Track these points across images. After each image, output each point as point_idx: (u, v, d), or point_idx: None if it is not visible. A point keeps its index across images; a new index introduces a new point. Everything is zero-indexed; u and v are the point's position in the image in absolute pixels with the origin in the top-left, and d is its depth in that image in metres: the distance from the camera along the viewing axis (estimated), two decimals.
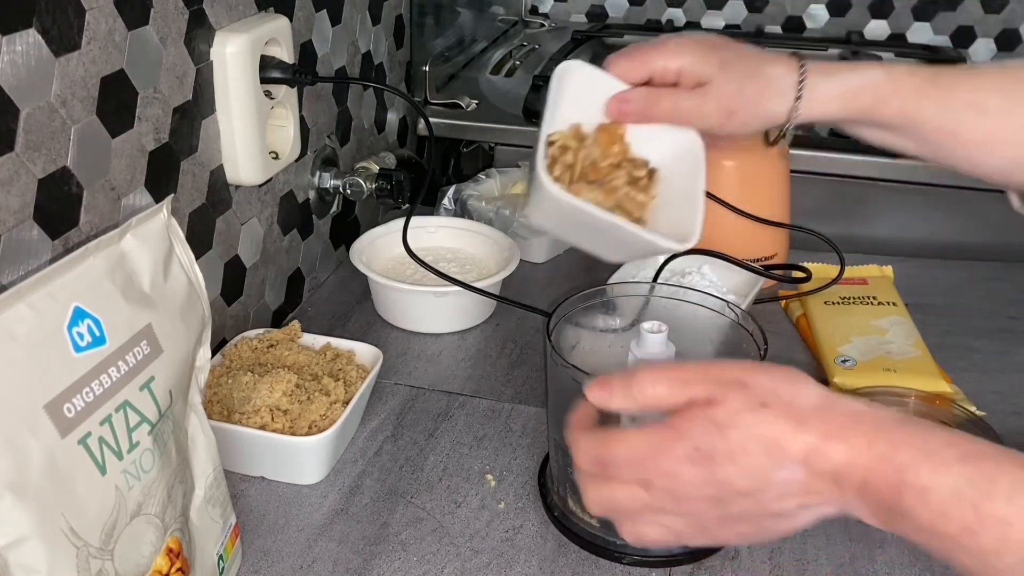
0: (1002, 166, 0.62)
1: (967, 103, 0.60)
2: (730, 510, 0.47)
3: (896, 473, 0.43)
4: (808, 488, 0.45)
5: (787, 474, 0.45)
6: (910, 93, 0.60)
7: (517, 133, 1.25)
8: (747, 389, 0.46)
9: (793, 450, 0.45)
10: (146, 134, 0.68)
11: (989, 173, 0.63)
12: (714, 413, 0.46)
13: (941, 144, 0.62)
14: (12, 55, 0.54)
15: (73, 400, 0.44)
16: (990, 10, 1.62)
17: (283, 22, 0.81)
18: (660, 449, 0.47)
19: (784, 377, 0.47)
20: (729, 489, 0.46)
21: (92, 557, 0.44)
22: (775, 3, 1.71)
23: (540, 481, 0.71)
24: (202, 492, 0.56)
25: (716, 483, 0.46)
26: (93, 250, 0.48)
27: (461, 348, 0.90)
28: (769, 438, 0.45)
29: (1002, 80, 0.61)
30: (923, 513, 0.42)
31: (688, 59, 0.57)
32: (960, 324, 0.93)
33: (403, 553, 0.65)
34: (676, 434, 0.46)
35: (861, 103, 0.62)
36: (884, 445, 0.43)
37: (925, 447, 0.43)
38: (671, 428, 0.47)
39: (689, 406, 0.47)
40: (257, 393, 0.70)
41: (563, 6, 1.82)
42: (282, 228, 0.92)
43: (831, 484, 0.45)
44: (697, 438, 0.46)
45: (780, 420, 0.45)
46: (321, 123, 0.96)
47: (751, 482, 0.45)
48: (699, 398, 0.46)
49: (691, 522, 0.48)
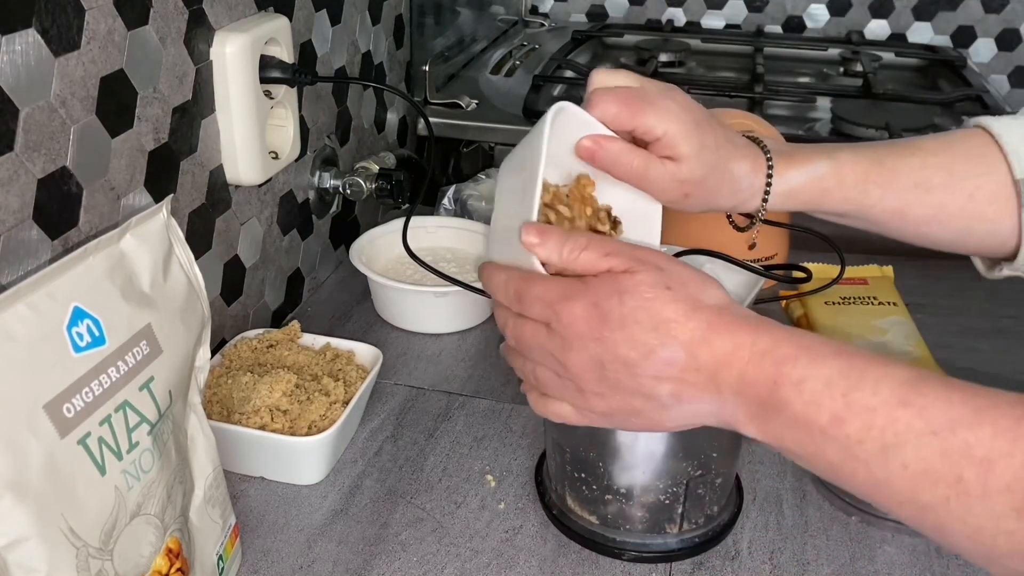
0: (951, 237, 0.64)
1: (913, 183, 0.62)
2: (607, 374, 0.49)
3: (774, 365, 0.45)
4: (685, 376, 0.47)
5: (668, 354, 0.47)
6: (855, 182, 0.62)
7: (517, 133, 1.25)
8: (660, 272, 0.48)
9: (680, 333, 0.47)
10: (146, 134, 0.68)
11: (939, 244, 0.65)
12: (621, 279, 0.48)
13: (889, 224, 0.64)
14: (12, 55, 0.54)
15: (73, 400, 0.44)
16: (990, 10, 1.63)
17: (283, 22, 0.81)
18: (566, 296, 0.49)
19: (699, 276, 0.50)
20: (612, 352, 0.48)
21: (92, 557, 0.44)
22: (775, 3, 1.71)
23: (537, 480, 0.71)
24: (202, 492, 0.55)
25: (602, 342, 0.48)
26: (92, 250, 0.48)
27: (461, 348, 0.90)
28: (661, 316, 0.47)
29: (947, 156, 0.62)
30: (796, 403, 0.44)
31: (673, 128, 0.57)
32: (960, 324, 0.93)
33: (403, 553, 0.65)
34: (583, 288, 0.49)
35: (807, 198, 0.63)
36: (767, 342, 0.46)
37: (804, 343, 0.46)
38: (582, 282, 0.50)
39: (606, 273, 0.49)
40: (257, 393, 0.70)
41: (563, 6, 1.82)
42: (282, 228, 0.92)
43: (708, 378, 0.47)
44: (598, 296, 0.48)
45: (676, 303, 0.47)
46: (321, 123, 0.96)
47: (632, 351, 0.48)
48: (617, 268, 0.49)
49: (571, 378, 0.50)
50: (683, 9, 1.76)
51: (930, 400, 0.42)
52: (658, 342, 0.47)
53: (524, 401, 0.58)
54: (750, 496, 0.70)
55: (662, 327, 0.47)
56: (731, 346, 0.47)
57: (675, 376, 0.48)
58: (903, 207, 0.62)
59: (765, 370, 0.46)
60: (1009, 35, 1.64)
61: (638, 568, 0.64)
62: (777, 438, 0.46)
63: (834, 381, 0.44)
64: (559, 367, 0.51)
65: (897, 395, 0.43)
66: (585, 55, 1.58)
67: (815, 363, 0.45)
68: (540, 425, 0.77)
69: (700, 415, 0.49)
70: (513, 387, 0.83)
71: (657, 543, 0.64)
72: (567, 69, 1.44)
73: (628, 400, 0.50)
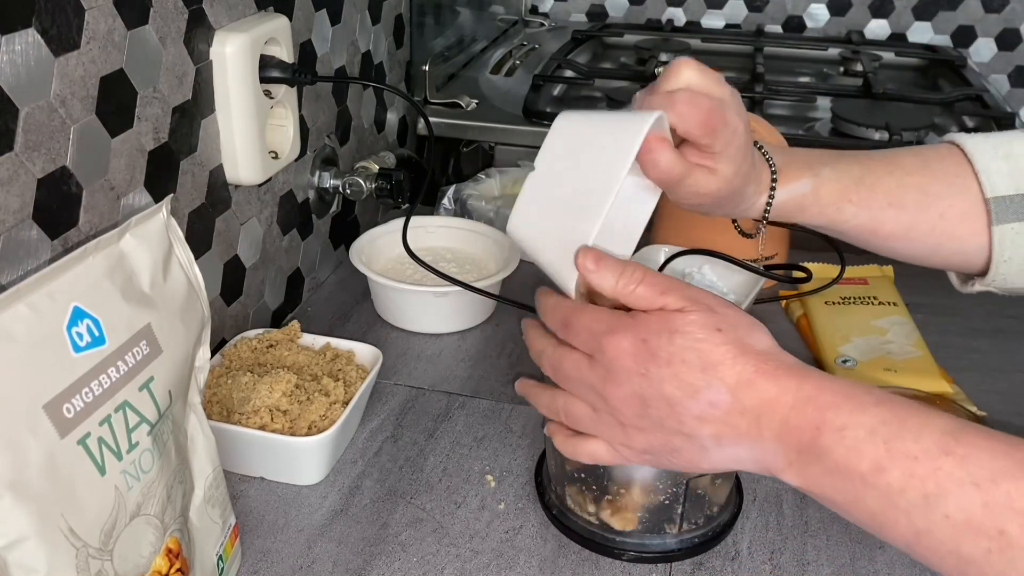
0: (920, 253, 0.65)
1: (888, 202, 0.63)
2: (649, 412, 0.49)
3: (817, 412, 0.45)
4: (728, 419, 0.47)
5: (713, 395, 0.47)
6: (832, 200, 0.64)
7: (517, 133, 1.25)
8: (712, 313, 0.48)
9: (727, 376, 0.47)
10: (145, 134, 0.68)
11: (908, 259, 0.67)
12: (673, 318, 0.48)
13: (862, 239, 0.65)
14: (11, 55, 0.54)
15: (72, 400, 0.44)
16: (990, 9, 1.63)
17: (283, 21, 0.81)
18: (614, 329, 0.49)
19: (749, 321, 0.50)
20: (656, 389, 0.48)
21: (91, 557, 0.44)
22: (775, 2, 1.71)
23: (537, 480, 0.71)
24: (201, 492, 0.55)
25: (647, 378, 0.48)
26: (92, 250, 0.48)
27: (461, 348, 0.90)
28: (710, 358, 0.47)
29: (923, 177, 0.64)
30: (837, 450, 0.45)
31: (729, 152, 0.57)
32: (960, 324, 0.93)
33: (403, 554, 0.65)
34: (633, 322, 0.49)
35: (784, 211, 0.65)
36: (811, 388, 0.46)
37: (847, 391, 0.46)
38: (632, 316, 0.49)
39: (658, 310, 0.49)
40: (257, 393, 0.70)
41: (563, 6, 1.82)
42: (282, 228, 0.92)
43: (752, 420, 0.47)
44: (648, 332, 0.48)
45: (725, 346, 0.47)
46: (321, 123, 0.96)
47: (678, 390, 0.48)
48: (670, 306, 0.49)
49: (611, 412, 0.50)
50: (683, 9, 1.76)
51: (972, 450, 0.42)
52: (704, 383, 0.47)
53: (524, 401, 0.58)
54: (750, 496, 0.70)
55: (710, 369, 0.47)
56: (776, 391, 0.47)
57: (718, 418, 0.47)
58: (875, 225, 0.64)
59: (808, 416, 0.46)
60: (1009, 35, 1.64)
61: (638, 568, 0.64)
62: (816, 485, 0.46)
63: (876, 429, 0.44)
64: (598, 400, 0.51)
65: (939, 444, 0.43)
66: (585, 55, 1.58)
67: (858, 411, 0.45)
68: (540, 425, 0.77)
69: (739, 459, 0.49)
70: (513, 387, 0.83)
71: (657, 543, 0.64)
72: (567, 69, 1.44)
73: (668, 438, 0.49)
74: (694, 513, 0.64)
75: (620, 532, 0.64)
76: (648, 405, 0.49)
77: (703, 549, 0.65)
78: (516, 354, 0.89)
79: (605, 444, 0.53)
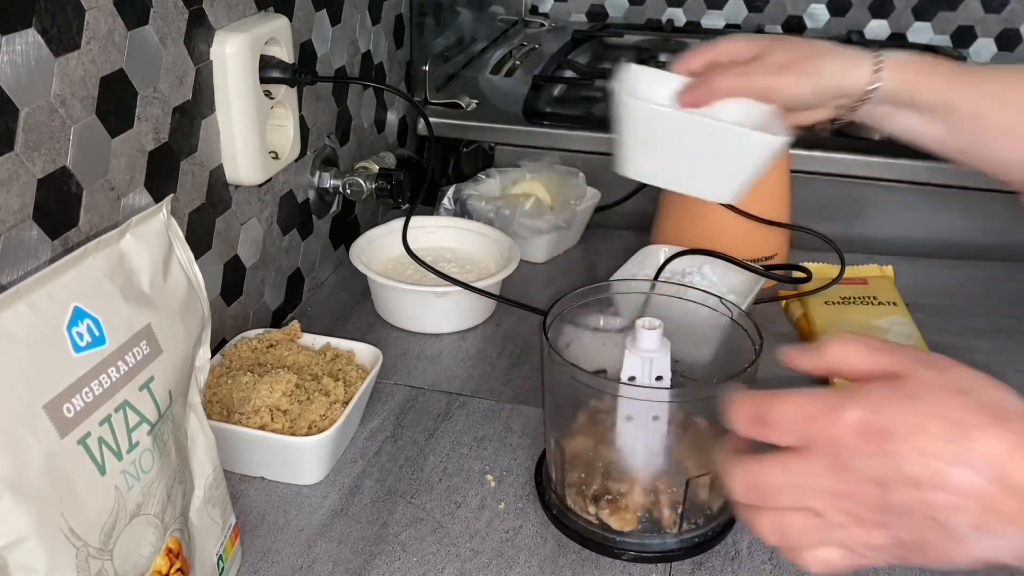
0: (1020, 159, 0.63)
1: (992, 94, 0.63)
2: (891, 498, 0.40)
3: None
4: (990, 503, 0.38)
5: (965, 475, 0.38)
6: (945, 76, 0.63)
7: (517, 133, 1.25)
8: (945, 372, 0.41)
9: (982, 446, 0.38)
10: (146, 134, 0.68)
11: (1008, 164, 0.64)
12: (901, 384, 0.40)
13: (968, 131, 0.63)
14: (12, 55, 0.54)
15: (72, 400, 0.44)
16: (990, 10, 1.62)
17: (283, 22, 0.81)
18: (831, 406, 0.41)
19: (988, 377, 0.41)
20: (897, 470, 0.39)
21: (92, 557, 0.44)
22: (775, 2, 1.71)
23: (537, 480, 0.71)
24: (202, 492, 0.55)
25: (884, 457, 0.39)
26: (92, 250, 0.48)
27: (461, 348, 0.90)
28: (959, 423, 0.39)
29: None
30: None
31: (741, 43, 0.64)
32: (960, 324, 0.93)
33: (403, 554, 0.65)
34: (850, 399, 0.40)
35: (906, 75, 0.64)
36: None
37: None
38: (847, 392, 0.41)
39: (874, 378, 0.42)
40: (257, 393, 0.70)
41: (563, 6, 1.82)
42: (282, 228, 0.92)
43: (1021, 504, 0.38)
44: (873, 407, 0.40)
45: (979, 411, 0.39)
46: (321, 123, 0.96)
47: (921, 469, 0.39)
48: (889, 371, 0.42)
49: (844, 507, 0.41)
50: (683, 9, 1.76)
51: None
52: (957, 457, 0.38)
53: (524, 401, 0.58)
54: None
55: (960, 437, 0.38)
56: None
57: (976, 505, 0.38)
58: (983, 114, 0.63)
59: None
60: (1009, 35, 1.63)
61: (638, 568, 0.64)
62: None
63: None
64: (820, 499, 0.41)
65: None
66: (585, 55, 1.58)
67: None
68: (540, 425, 0.77)
69: (998, 551, 0.39)
70: (513, 387, 0.83)
71: (656, 543, 0.64)
72: (567, 69, 1.44)
73: (917, 530, 0.40)
74: (694, 513, 0.64)
75: (620, 532, 0.64)
76: (889, 489, 0.40)
77: (703, 549, 0.65)
78: (516, 354, 0.89)
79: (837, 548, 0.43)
